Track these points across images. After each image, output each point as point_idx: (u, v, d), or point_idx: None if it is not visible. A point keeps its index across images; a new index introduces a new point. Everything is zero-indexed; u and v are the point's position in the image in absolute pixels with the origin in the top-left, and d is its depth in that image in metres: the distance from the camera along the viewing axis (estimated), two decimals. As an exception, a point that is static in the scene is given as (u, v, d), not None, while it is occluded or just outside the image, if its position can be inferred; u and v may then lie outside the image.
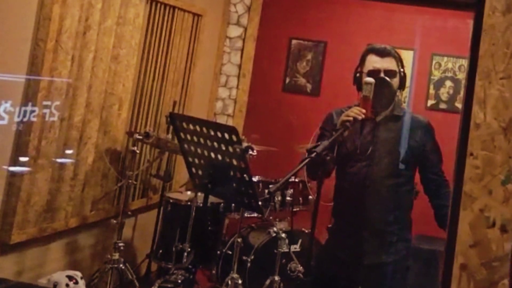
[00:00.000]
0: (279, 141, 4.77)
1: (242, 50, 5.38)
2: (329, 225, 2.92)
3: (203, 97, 5.11)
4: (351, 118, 2.47)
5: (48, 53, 3.23)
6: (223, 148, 2.46)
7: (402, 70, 2.73)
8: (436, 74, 5.21)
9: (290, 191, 4.19)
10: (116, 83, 3.87)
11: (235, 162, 2.46)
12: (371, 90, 2.51)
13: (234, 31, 5.38)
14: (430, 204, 2.78)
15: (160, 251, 4.09)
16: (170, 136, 4.05)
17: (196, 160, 2.66)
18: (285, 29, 5.46)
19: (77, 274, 3.54)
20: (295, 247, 3.93)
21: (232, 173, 2.50)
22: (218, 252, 4.08)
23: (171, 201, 4.14)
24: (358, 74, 2.76)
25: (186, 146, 2.68)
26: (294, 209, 4.20)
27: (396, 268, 2.68)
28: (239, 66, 5.36)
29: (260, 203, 2.68)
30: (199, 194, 3.92)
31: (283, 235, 3.82)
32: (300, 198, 4.28)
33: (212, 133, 2.48)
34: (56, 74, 3.33)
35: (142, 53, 4.18)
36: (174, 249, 3.82)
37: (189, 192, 4.46)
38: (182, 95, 4.73)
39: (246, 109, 5.34)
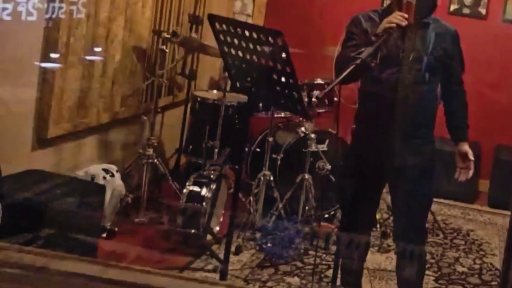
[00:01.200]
0: (302, 42, 4.70)
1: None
2: (353, 127, 2.98)
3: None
4: (394, 25, 2.43)
5: None
6: (266, 51, 2.46)
7: None
8: (462, -22, 5.06)
9: (316, 92, 4.21)
10: (140, -21, 3.85)
11: (279, 66, 2.48)
12: None
13: None
14: (444, 111, 2.83)
15: (190, 146, 4.22)
16: (195, 35, 4.07)
17: (237, 63, 2.66)
18: None
19: (113, 168, 3.68)
20: (323, 147, 4.03)
21: (276, 77, 2.51)
22: (246, 149, 4.20)
23: (198, 99, 4.22)
24: None
25: (225, 48, 2.66)
26: (319, 110, 4.25)
27: (423, 170, 2.73)
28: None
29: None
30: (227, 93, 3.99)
31: (312, 135, 3.91)
32: (326, 100, 4.32)
33: (255, 35, 2.47)
34: (81, -31, 3.32)
35: None
36: (204, 145, 3.92)
37: (215, 91, 4.53)
38: (204, -7, 4.69)
39: (265, 9, 5.27)
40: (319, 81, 4.13)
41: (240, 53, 2.64)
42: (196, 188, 3.53)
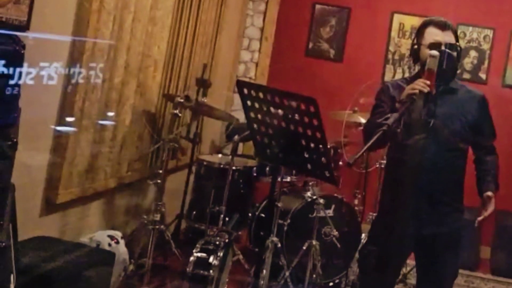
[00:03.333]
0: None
1: (265, 13, 5.36)
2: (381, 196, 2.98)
3: (228, 60, 5.11)
4: (417, 91, 2.48)
5: (93, 13, 3.22)
6: (297, 118, 2.45)
7: (458, 44, 2.75)
8: (461, 44, 5.18)
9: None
10: (152, 45, 3.87)
11: (309, 132, 2.47)
12: (436, 63, 2.52)
13: (257, -6, 5.36)
14: (475, 169, 2.84)
15: (194, 212, 4.15)
16: (204, 99, 4.09)
17: (263, 129, 2.65)
18: (309, -7, 5.44)
19: (118, 234, 3.60)
20: (329, 212, 4.01)
21: (304, 143, 2.50)
22: (250, 214, 4.15)
23: (204, 163, 4.19)
24: (416, 47, 2.74)
25: (252, 114, 2.66)
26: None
27: (450, 239, 2.73)
28: (262, 29, 5.35)
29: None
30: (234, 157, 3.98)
31: (321, 200, 3.89)
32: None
33: (286, 102, 2.47)
34: (99, 35, 3.32)
35: (175, 15, 4.17)
36: (208, 211, 3.87)
37: (220, 155, 4.51)
38: (210, 59, 4.74)
39: (268, 73, 5.35)
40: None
41: (267, 119, 2.63)
42: (204, 255, 3.45)
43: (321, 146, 2.46)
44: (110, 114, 3.59)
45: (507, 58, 5.18)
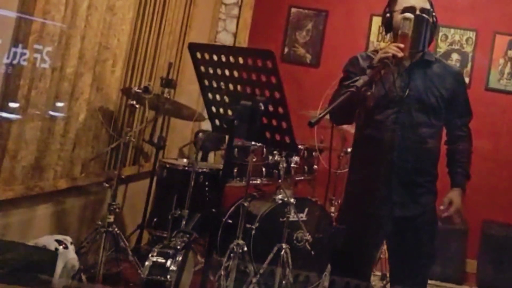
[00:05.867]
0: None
1: (238, 18, 5.14)
2: (347, 176, 2.73)
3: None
4: (390, 55, 2.27)
5: (41, -8, 2.95)
6: (254, 78, 2.20)
7: (433, 13, 2.53)
8: (443, 47, 5.06)
9: (296, 158, 3.97)
10: (110, 37, 3.61)
11: (267, 93, 2.21)
12: (410, 26, 2.31)
13: (230, -3, 5.15)
14: (446, 153, 2.65)
15: (155, 219, 3.83)
16: (167, 95, 3.81)
17: (218, 97, 2.40)
18: (284, -4, 5.24)
19: (67, 239, 3.27)
20: (301, 216, 3.71)
21: (263, 107, 2.24)
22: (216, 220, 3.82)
23: (167, 166, 3.89)
24: (388, 15, 2.55)
25: (206, 82, 2.42)
26: (298, 178, 3.99)
27: (424, 221, 2.51)
28: (235, 35, 5.12)
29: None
30: (198, 159, 3.71)
31: (292, 200, 3.59)
32: (305, 167, 4.07)
33: (242, 60, 2.22)
34: (49, 17, 3.05)
35: (138, 9, 3.91)
36: (170, 216, 3.56)
37: (184, 160, 4.23)
38: (177, 59, 4.48)
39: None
40: (298, 146, 3.88)
41: (222, 84, 2.37)
42: (160, 259, 3.14)
43: (280, 108, 2.19)
44: (61, 106, 3.30)
45: (491, 60, 5.00)
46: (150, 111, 3.94)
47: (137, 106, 3.37)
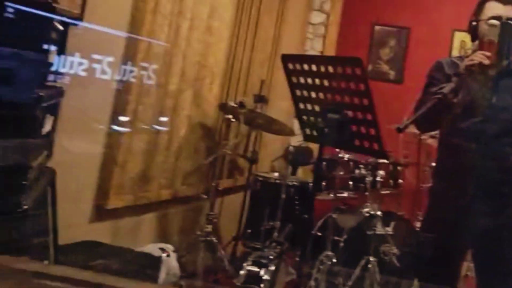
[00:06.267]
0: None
1: (324, 37, 5.26)
2: (430, 185, 2.74)
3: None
4: (476, 62, 2.27)
5: (148, 14, 3.18)
6: (343, 86, 2.29)
7: None
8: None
9: (381, 172, 4.00)
10: (208, 55, 3.81)
11: (356, 101, 2.29)
12: (496, 33, 2.30)
13: (317, 17, 5.29)
14: None
15: (249, 230, 3.95)
16: (260, 110, 3.96)
17: (309, 106, 2.50)
18: (368, 15, 5.32)
19: (169, 247, 3.45)
20: (388, 230, 3.73)
21: (352, 114, 2.32)
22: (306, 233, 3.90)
23: (260, 179, 4.02)
24: (474, 23, 2.54)
25: (298, 92, 2.53)
26: (384, 192, 4.01)
27: (510, 232, 2.44)
28: (321, 53, 5.23)
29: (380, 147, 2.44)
30: (289, 172, 3.81)
31: (379, 212, 3.62)
32: (390, 181, 4.09)
33: (331, 69, 2.32)
34: (154, 37, 3.27)
35: (233, 29, 4.10)
36: (263, 228, 3.69)
37: (276, 173, 4.34)
38: (268, 76, 4.63)
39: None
40: (384, 160, 3.92)
41: (312, 94, 2.47)
42: (255, 268, 3.24)
43: (369, 115, 2.25)
44: (164, 122, 3.50)
45: None
46: (244, 126, 4.10)
47: (233, 120, 3.53)
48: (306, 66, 2.43)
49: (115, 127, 3.12)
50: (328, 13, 5.28)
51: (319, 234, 3.96)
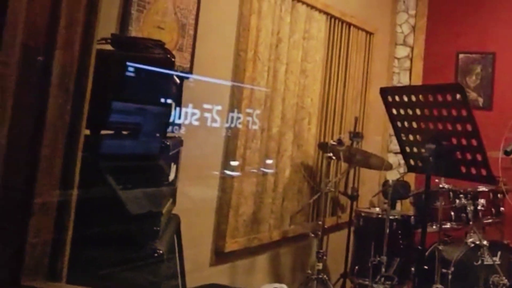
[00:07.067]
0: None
1: (410, 70, 5.28)
2: None
3: (379, 116, 5.01)
4: None
5: (249, 62, 3.34)
6: (445, 113, 2.31)
7: None
8: None
9: (482, 201, 3.92)
10: (305, 97, 3.91)
11: (459, 127, 2.29)
12: None
13: (401, 51, 5.32)
14: None
15: (356, 267, 3.94)
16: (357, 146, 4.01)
17: (411, 137, 2.53)
18: (451, 44, 5.29)
19: (284, 287, 3.49)
20: (495, 260, 3.63)
21: (456, 141, 2.32)
22: (412, 268, 3.86)
23: (362, 215, 4.03)
24: None
25: (399, 123, 2.57)
26: (486, 221, 3.92)
27: None
28: (410, 86, 5.23)
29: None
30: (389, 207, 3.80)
31: (485, 242, 3.54)
32: (492, 209, 4.00)
33: (431, 98, 2.35)
34: (255, 84, 3.42)
35: (325, 70, 4.21)
36: (370, 263, 3.68)
37: (377, 209, 4.33)
38: (361, 113, 4.68)
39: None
40: (483, 188, 3.85)
41: (414, 124, 2.49)
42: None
43: (473, 140, 2.24)
44: (270, 164, 3.61)
45: None
46: (344, 163, 4.15)
47: (333, 158, 3.60)
48: (405, 97, 2.47)
49: (227, 172, 3.26)
50: (411, 46, 5.31)
51: (426, 267, 3.90)
